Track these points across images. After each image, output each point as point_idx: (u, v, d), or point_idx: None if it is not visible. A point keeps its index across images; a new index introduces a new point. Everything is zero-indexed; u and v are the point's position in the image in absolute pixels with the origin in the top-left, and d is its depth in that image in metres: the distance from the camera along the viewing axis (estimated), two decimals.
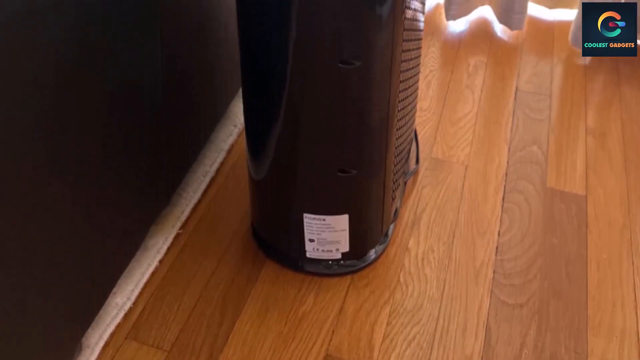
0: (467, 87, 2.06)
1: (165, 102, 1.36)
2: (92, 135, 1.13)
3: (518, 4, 2.22)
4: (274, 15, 1.15)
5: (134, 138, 1.29)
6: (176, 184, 1.58)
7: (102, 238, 1.26)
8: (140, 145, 1.32)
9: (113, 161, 1.22)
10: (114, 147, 1.22)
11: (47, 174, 1.03)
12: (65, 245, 1.13)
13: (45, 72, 0.96)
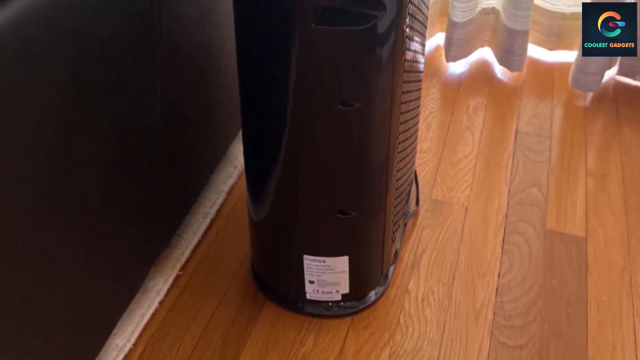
0: (467, 128, 2.06)
1: (165, 144, 1.36)
2: (92, 177, 1.13)
3: (518, 46, 2.23)
4: (273, 57, 1.16)
5: (134, 180, 1.29)
6: (176, 226, 1.58)
7: (102, 279, 1.26)
8: (140, 187, 1.32)
9: (113, 203, 1.23)
10: (114, 188, 1.22)
11: (48, 216, 1.03)
12: (65, 287, 1.13)
13: (46, 115, 0.97)
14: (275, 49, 1.15)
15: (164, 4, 1.23)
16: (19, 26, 0.87)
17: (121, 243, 1.30)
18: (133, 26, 1.16)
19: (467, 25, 2.26)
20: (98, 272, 1.23)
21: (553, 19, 2.29)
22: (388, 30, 1.13)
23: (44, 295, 1.07)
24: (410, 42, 1.25)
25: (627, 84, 2.28)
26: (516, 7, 2.16)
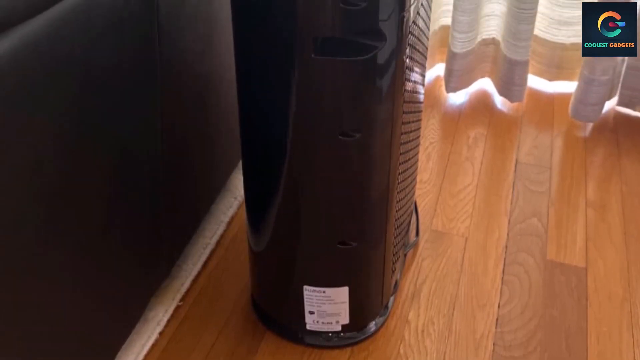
0: (467, 159, 2.07)
1: (165, 174, 1.37)
2: (92, 206, 1.14)
3: (518, 76, 2.24)
4: (274, 87, 1.16)
5: (133, 210, 1.29)
6: (176, 256, 1.58)
7: (102, 310, 1.26)
8: (140, 217, 1.32)
9: (113, 233, 1.23)
10: (114, 218, 1.22)
11: (47, 245, 1.03)
12: (65, 316, 1.13)
13: (46, 144, 0.97)
14: (275, 79, 1.15)
15: (165, 33, 1.23)
16: (18, 55, 0.87)
17: (121, 273, 1.30)
18: (133, 56, 1.16)
19: (467, 56, 2.27)
20: (98, 302, 1.23)
21: (553, 49, 2.30)
22: (388, 61, 1.13)
23: (44, 325, 1.07)
24: (410, 73, 1.25)
25: (627, 114, 2.28)
26: (516, 38, 2.17)
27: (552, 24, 2.26)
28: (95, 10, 1.01)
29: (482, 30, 2.29)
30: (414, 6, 1.16)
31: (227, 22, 1.39)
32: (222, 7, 1.45)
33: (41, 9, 0.91)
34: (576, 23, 2.22)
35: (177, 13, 1.28)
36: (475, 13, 2.19)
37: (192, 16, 1.35)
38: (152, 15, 1.19)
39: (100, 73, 1.07)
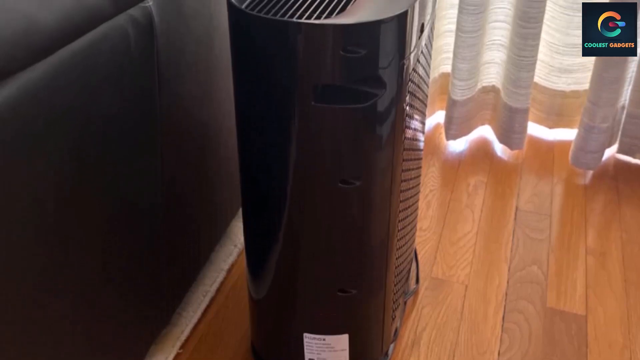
0: (467, 206, 2.07)
1: (165, 222, 1.37)
2: (92, 254, 1.14)
3: (518, 124, 2.24)
4: (273, 134, 1.17)
5: (133, 257, 1.29)
6: (176, 304, 1.58)
7: (102, 357, 1.25)
8: (140, 265, 1.32)
9: (113, 280, 1.23)
10: (114, 266, 1.22)
11: (48, 293, 1.03)
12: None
13: (45, 193, 0.97)
14: (275, 126, 1.16)
15: (164, 81, 1.24)
16: (17, 103, 0.87)
17: (121, 321, 1.30)
18: (133, 104, 1.17)
19: (467, 104, 2.28)
20: (98, 350, 1.23)
21: (553, 97, 2.31)
22: (388, 109, 1.14)
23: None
24: (410, 120, 1.26)
25: (627, 162, 2.28)
26: (516, 85, 2.18)
27: (552, 71, 2.27)
28: (95, 58, 1.02)
29: (482, 77, 2.30)
30: (414, 54, 1.17)
31: (226, 69, 1.40)
32: (221, 54, 1.46)
33: (40, 57, 0.91)
34: (576, 70, 2.24)
35: (177, 60, 1.28)
36: (475, 61, 2.20)
37: (192, 63, 1.36)
38: (152, 63, 1.19)
39: (99, 121, 1.07)
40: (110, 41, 1.05)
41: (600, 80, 2.06)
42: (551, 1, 2.12)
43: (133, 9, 1.11)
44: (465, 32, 2.14)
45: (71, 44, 0.96)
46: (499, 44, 2.26)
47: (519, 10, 2.07)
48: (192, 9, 1.31)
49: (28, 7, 0.86)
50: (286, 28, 1.06)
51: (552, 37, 2.20)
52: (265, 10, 1.10)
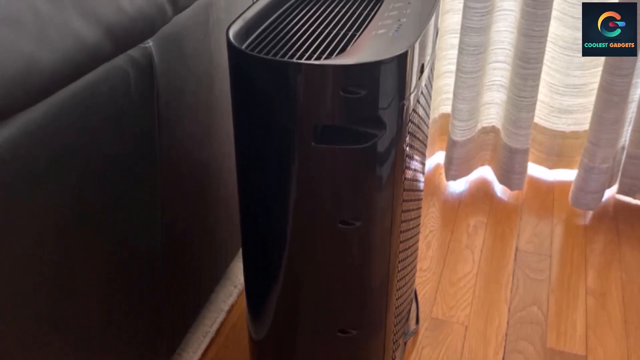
0: (467, 247, 2.06)
1: (165, 263, 1.36)
2: (92, 295, 1.13)
3: (518, 164, 2.25)
4: (273, 175, 1.17)
5: (134, 298, 1.29)
6: (176, 344, 1.57)
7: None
8: (140, 306, 1.32)
9: (113, 320, 1.22)
10: (114, 306, 1.22)
11: (48, 333, 1.03)
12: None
13: (46, 234, 0.97)
14: (275, 166, 1.16)
15: (164, 122, 1.24)
16: (17, 144, 0.88)
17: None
18: (133, 144, 1.17)
19: (467, 144, 2.28)
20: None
21: (553, 137, 2.31)
22: (388, 149, 1.14)
23: None
24: (410, 161, 1.26)
25: (627, 202, 2.28)
26: (516, 126, 2.18)
27: (552, 112, 2.27)
28: (95, 99, 1.02)
29: (482, 118, 2.31)
30: (414, 94, 1.17)
31: (226, 110, 1.41)
32: (221, 95, 1.46)
33: (41, 98, 0.91)
34: (576, 111, 2.24)
35: (177, 101, 1.29)
36: (475, 101, 2.21)
37: (192, 104, 1.36)
38: (152, 104, 1.20)
39: (100, 162, 1.07)
40: (111, 82, 1.06)
41: (600, 121, 2.07)
42: (551, 42, 2.13)
43: (133, 49, 1.12)
44: (465, 73, 2.14)
45: (71, 85, 0.97)
46: (499, 85, 2.26)
47: (519, 51, 2.08)
48: (192, 49, 1.32)
49: (28, 48, 0.87)
50: (286, 68, 1.06)
51: (552, 78, 2.21)
52: (266, 50, 1.11)
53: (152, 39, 1.16)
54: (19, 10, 0.88)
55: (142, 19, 1.10)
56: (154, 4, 1.13)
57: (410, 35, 1.13)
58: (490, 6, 2.05)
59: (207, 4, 1.35)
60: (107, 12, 1.02)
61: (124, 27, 1.05)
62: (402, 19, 1.18)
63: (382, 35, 1.13)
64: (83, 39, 0.96)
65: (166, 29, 1.20)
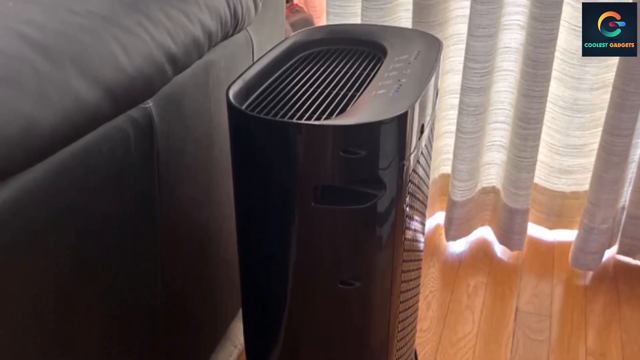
0: (467, 307, 2.06)
1: (165, 323, 1.36)
2: (91, 354, 1.13)
3: (518, 225, 2.24)
4: (273, 235, 1.17)
5: (133, 357, 1.28)
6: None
7: None
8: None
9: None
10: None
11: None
12: None
13: (45, 293, 0.97)
14: (275, 227, 1.16)
15: (164, 183, 1.24)
16: (17, 204, 0.87)
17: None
18: (133, 205, 1.17)
19: (467, 204, 2.28)
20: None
21: (553, 198, 2.31)
22: (388, 210, 1.14)
23: None
24: (410, 221, 1.26)
25: (627, 262, 2.28)
26: (516, 186, 2.18)
27: (552, 172, 2.28)
28: (95, 159, 1.02)
29: (482, 178, 2.31)
30: (414, 155, 1.17)
31: (226, 170, 1.41)
32: (221, 155, 1.46)
33: (40, 158, 0.91)
34: (576, 171, 2.24)
35: (177, 161, 1.29)
36: (475, 161, 2.21)
37: (192, 164, 1.36)
38: (152, 164, 1.20)
39: (99, 222, 1.07)
40: (110, 142, 1.06)
41: (601, 182, 2.07)
42: (551, 102, 2.13)
43: (133, 110, 1.12)
44: (465, 133, 2.15)
45: (71, 145, 0.97)
46: (499, 145, 2.27)
47: (519, 112, 2.08)
48: (192, 110, 1.32)
49: (28, 108, 0.87)
50: (286, 129, 1.06)
51: (552, 138, 2.22)
52: (266, 110, 1.11)
53: (152, 100, 1.17)
54: (19, 71, 0.88)
55: (142, 79, 1.11)
56: (153, 64, 1.14)
57: (410, 95, 1.13)
58: (490, 67, 2.06)
59: (207, 65, 1.36)
60: (106, 73, 1.02)
61: (124, 88, 1.06)
62: (402, 79, 1.19)
63: (382, 95, 1.13)
64: (83, 100, 0.96)
65: (166, 90, 1.21)
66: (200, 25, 1.29)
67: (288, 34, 1.61)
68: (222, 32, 1.39)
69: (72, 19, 1.02)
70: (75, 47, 0.98)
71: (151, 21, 1.16)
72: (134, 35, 1.11)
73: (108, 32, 1.06)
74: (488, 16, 1.97)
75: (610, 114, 1.98)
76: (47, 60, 0.93)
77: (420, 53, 1.31)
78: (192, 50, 1.27)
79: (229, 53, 1.46)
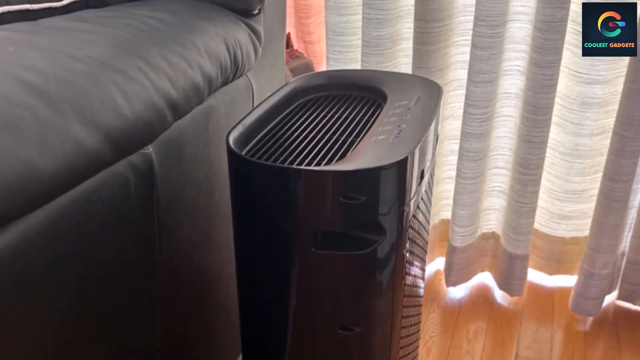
0: (467, 353, 2.05)
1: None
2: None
3: (518, 270, 2.24)
4: (274, 281, 1.16)
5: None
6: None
7: None
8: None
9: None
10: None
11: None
12: None
13: (46, 338, 0.96)
14: (275, 272, 1.15)
15: (164, 227, 1.24)
16: (17, 250, 0.87)
17: None
18: (133, 250, 1.17)
19: (467, 250, 2.28)
20: None
21: (553, 243, 2.31)
22: (388, 255, 1.14)
23: None
24: (410, 267, 1.26)
25: (627, 308, 2.27)
26: (516, 232, 2.18)
27: (552, 218, 2.28)
28: (95, 204, 1.02)
29: (482, 224, 2.31)
30: (414, 200, 1.17)
31: (226, 216, 1.40)
32: (221, 200, 1.46)
33: (41, 204, 0.91)
34: (576, 217, 2.24)
35: (177, 207, 1.29)
36: (475, 207, 2.21)
37: (192, 209, 1.36)
38: (152, 209, 1.20)
39: (99, 266, 1.07)
40: (110, 188, 1.06)
41: (600, 227, 2.07)
42: (551, 147, 2.14)
43: (133, 155, 1.12)
44: (465, 179, 2.15)
45: (71, 190, 0.97)
46: (499, 191, 2.27)
47: (518, 157, 2.09)
48: (192, 155, 1.32)
49: (28, 153, 0.87)
50: (286, 174, 1.06)
51: (552, 184, 2.22)
52: (266, 156, 1.11)
53: (152, 145, 1.17)
54: (19, 117, 0.88)
55: (142, 125, 1.11)
56: (154, 110, 1.14)
57: (410, 141, 1.13)
58: (490, 112, 2.06)
59: (207, 110, 1.36)
60: (107, 118, 1.02)
61: (124, 133, 1.06)
62: (402, 124, 1.19)
63: (382, 141, 1.14)
64: (83, 145, 0.97)
65: (166, 135, 1.21)
66: (200, 71, 1.29)
67: (288, 80, 1.61)
68: (222, 78, 1.40)
69: (73, 65, 1.02)
70: (76, 93, 0.99)
71: (151, 67, 1.16)
72: (134, 80, 1.11)
73: (108, 77, 1.06)
74: (488, 62, 1.97)
75: (610, 160, 1.98)
76: (48, 106, 0.93)
77: (421, 99, 1.31)
78: (192, 95, 1.27)
79: (229, 98, 1.46)
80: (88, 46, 1.09)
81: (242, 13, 1.54)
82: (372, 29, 2.06)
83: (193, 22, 1.36)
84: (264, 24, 1.64)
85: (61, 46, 1.06)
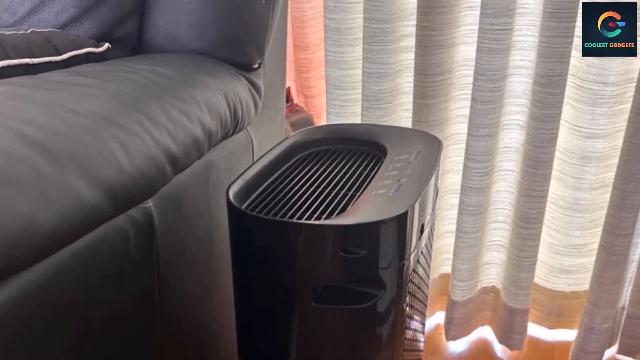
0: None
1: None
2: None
3: (518, 325, 2.23)
4: (273, 335, 1.16)
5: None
6: None
7: None
8: None
9: None
10: None
11: None
12: None
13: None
14: (275, 326, 1.15)
15: (164, 282, 1.24)
16: (17, 304, 0.87)
17: None
18: (133, 304, 1.16)
19: (467, 304, 2.27)
20: None
21: (553, 298, 2.30)
22: (388, 309, 1.13)
23: None
24: (410, 321, 1.25)
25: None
26: (516, 286, 2.18)
27: (552, 272, 2.27)
28: (95, 258, 1.02)
29: (482, 278, 2.31)
30: (414, 254, 1.17)
31: (226, 270, 1.40)
32: (222, 254, 1.46)
33: (40, 258, 0.91)
34: (576, 271, 2.24)
35: (177, 261, 1.29)
36: (475, 261, 2.21)
37: (192, 264, 1.36)
38: (152, 264, 1.20)
39: (99, 322, 1.06)
40: (110, 242, 1.06)
41: (601, 281, 2.07)
42: (551, 202, 2.14)
43: (133, 209, 1.12)
44: (465, 233, 2.15)
45: (71, 245, 0.97)
46: (499, 245, 2.27)
47: (518, 211, 2.09)
48: (192, 209, 1.33)
49: (28, 208, 0.87)
50: (286, 228, 1.06)
51: (552, 238, 2.22)
52: (266, 210, 1.11)
53: (152, 199, 1.17)
54: (19, 171, 0.88)
55: (142, 179, 1.11)
56: (154, 164, 1.14)
57: (411, 195, 1.13)
58: (490, 166, 2.07)
59: (207, 164, 1.37)
60: (107, 172, 1.02)
61: (124, 188, 1.06)
62: (402, 179, 1.19)
63: (382, 195, 1.14)
64: (83, 200, 0.97)
65: (166, 189, 1.21)
66: (200, 125, 1.30)
67: (288, 134, 1.62)
68: (222, 132, 1.40)
69: (73, 119, 1.03)
70: (76, 147, 0.99)
71: (151, 121, 1.17)
72: (134, 135, 1.11)
73: (108, 132, 1.07)
74: (488, 116, 1.98)
75: (610, 214, 1.98)
76: (48, 160, 0.93)
77: (421, 153, 1.32)
78: (192, 150, 1.27)
79: (229, 153, 1.47)
80: (88, 100, 1.10)
81: (243, 67, 1.55)
82: (372, 83, 2.07)
83: (193, 76, 1.37)
84: (264, 78, 1.65)
85: (61, 100, 1.07)
